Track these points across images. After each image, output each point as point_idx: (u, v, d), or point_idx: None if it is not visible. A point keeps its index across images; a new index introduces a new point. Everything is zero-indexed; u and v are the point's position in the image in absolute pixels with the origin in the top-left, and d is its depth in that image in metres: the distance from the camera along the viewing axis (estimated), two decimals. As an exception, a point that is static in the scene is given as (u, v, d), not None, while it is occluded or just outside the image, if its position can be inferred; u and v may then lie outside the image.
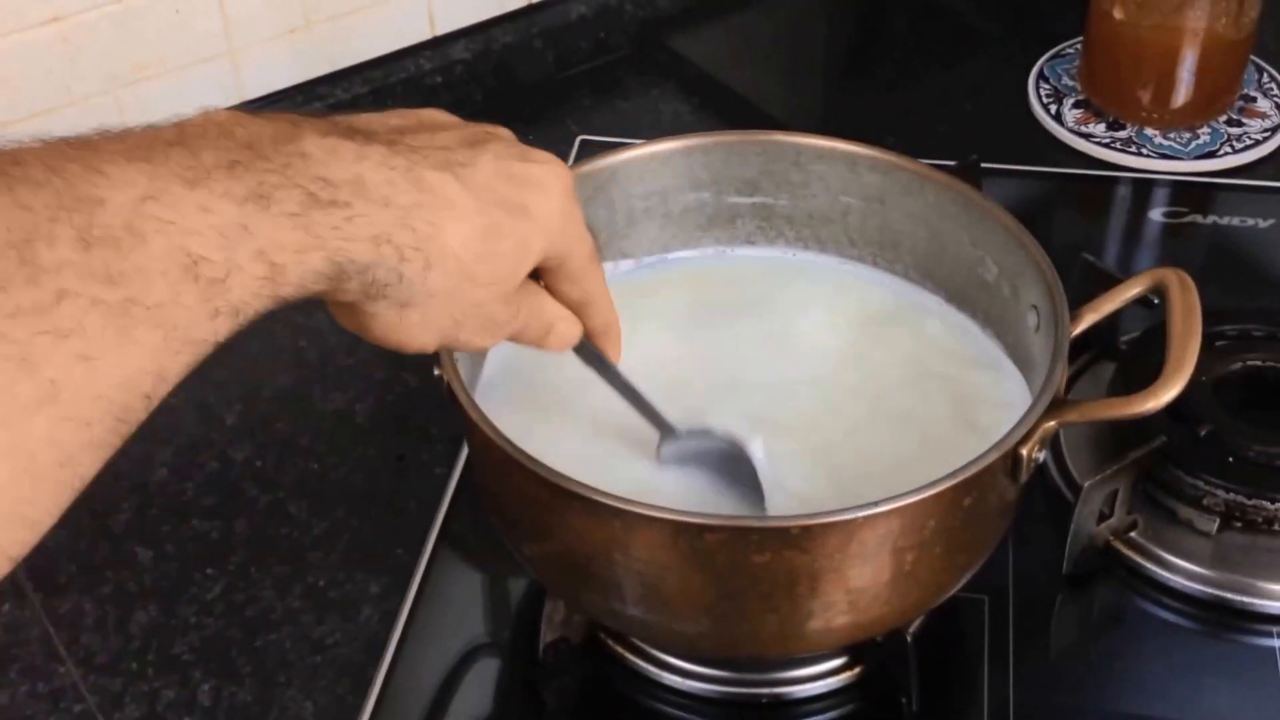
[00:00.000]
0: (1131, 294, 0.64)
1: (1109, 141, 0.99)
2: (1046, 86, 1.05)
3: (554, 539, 0.58)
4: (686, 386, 0.66)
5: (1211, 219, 0.94)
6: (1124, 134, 0.99)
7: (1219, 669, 0.67)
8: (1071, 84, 1.04)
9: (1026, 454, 0.56)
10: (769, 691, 0.65)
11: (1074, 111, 1.02)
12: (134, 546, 0.73)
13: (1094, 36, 1.01)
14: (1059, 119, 1.01)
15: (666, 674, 0.66)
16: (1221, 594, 0.69)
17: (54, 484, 0.37)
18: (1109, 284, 0.66)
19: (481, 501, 0.66)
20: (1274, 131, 0.99)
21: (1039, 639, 0.68)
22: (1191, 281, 0.61)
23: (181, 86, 0.94)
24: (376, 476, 0.77)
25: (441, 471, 0.77)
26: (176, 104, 0.92)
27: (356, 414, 0.81)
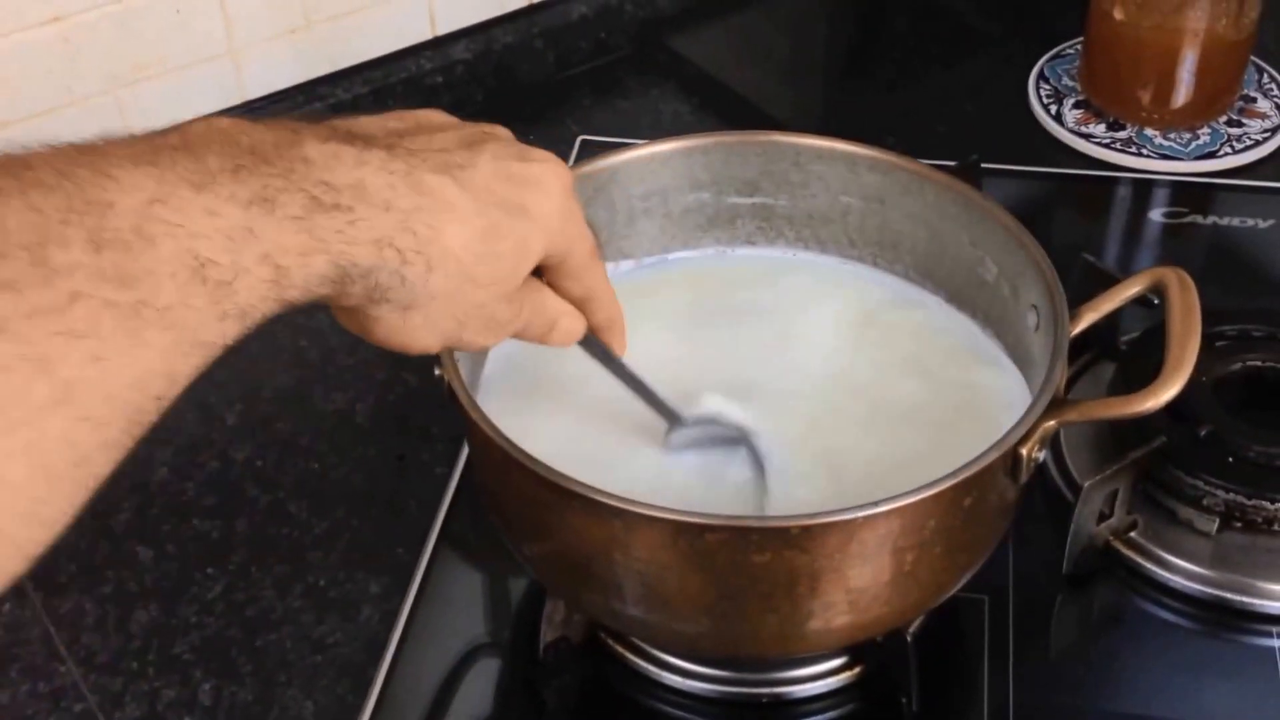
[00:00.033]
0: (1131, 294, 0.64)
1: (1109, 142, 0.99)
2: (1047, 87, 1.05)
3: (554, 539, 0.58)
4: (686, 386, 0.66)
5: (1211, 219, 0.94)
6: (1124, 134, 0.99)
7: (1219, 669, 0.67)
8: (1072, 84, 1.04)
9: (1026, 454, 0.56)
10: (769, 691, 0.65)
11: (1074, 112, 1.02)
12: (135, 546, 0.73)
13: (1094, 37, 1.01)
14: (1059, 119, 1.01)
15: (666, 674, 0.66)
16: (1221, 594, 0.69)
17: (69, 483, 0.37)
18: (1109, 284, 0.66)
19: (482, 501, 0.66)
20: (1274, 132, 0.99)
21: (1039, 639, 0.68)
22: (1191, 281, 0.61)
23: (182, 86, 0.94)
24: (377, 476, 0.78)
25: (442, 471, 0.77)
26: (177, 104, 0.94)
27: (357, 414, 0.81)
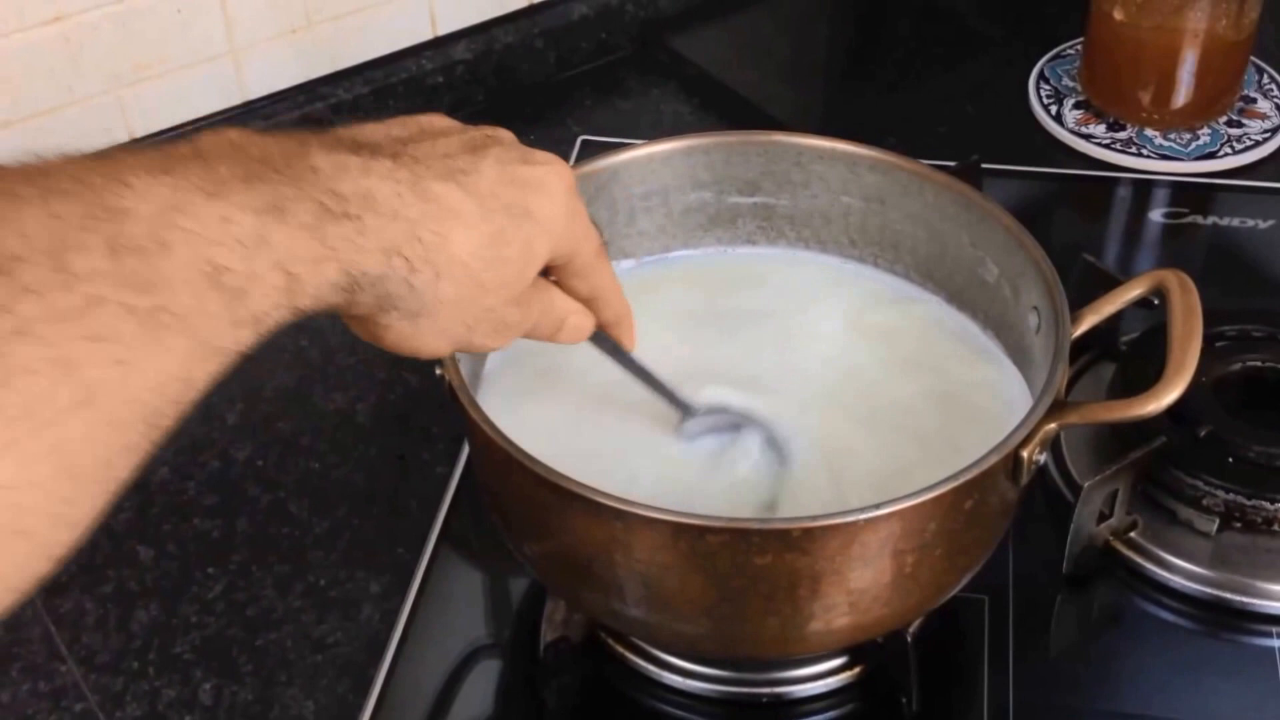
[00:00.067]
0: (1132, 295, 0.64)
1: (1109, 142, 0.99)
2: (1047, 87, 1.05)
3: (555, 539, 0.58)
4: (686, 385, 0.66)
5: (1211, 220, 0.94)
6: (1124, 135, 0.99)
7: (1219, 669, 0.67)
8: (1072, 85, 1.05)
9: (1027, 456, 0.56)
10: (769, 691, 0.65)
11: (1074, 112, 1.02)
12: (135, 545, 0.73)
13: (1094, 37, 1.01)
14: (1059, 120, 1.01)
15: (667, 674, 0.66)
16: (1221, 594, 0.69)
17: (94, 485, 0.38)
18: (1109, 285, 0.66)
19: (482, 501, 0.66)
20: (1274, 132, 0.99)
21: (1039, 639, 0.68)
22: (1192, 283, 0.61)
23: (183, 86, 0.94)
24: (378, 476, 0.78)
25: (443, 471, 0.77)
26: (178, 103, 0.94)
27: (358, 413, 0.81)
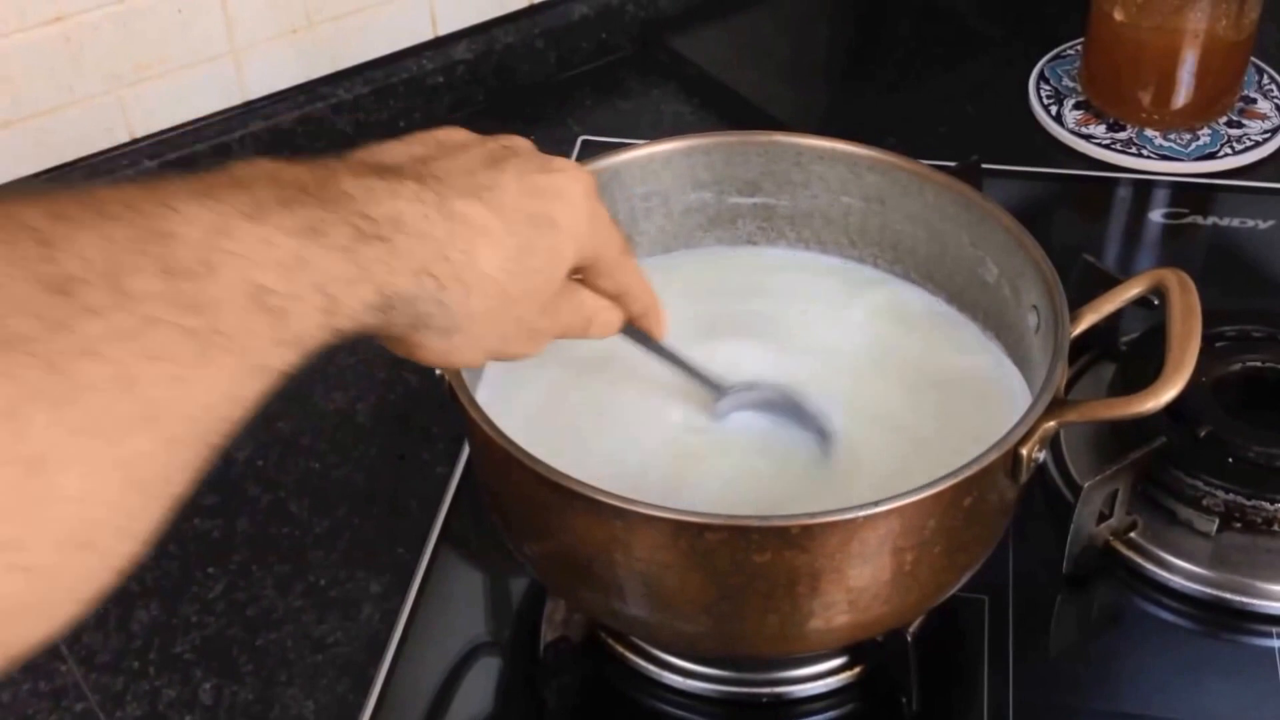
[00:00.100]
0: (1131, 294, 0.64)
1: (1109, 143, 0.99)
2: (1047, 88, 1.05)
3: (554, 538, 0.58)
4: (687, 385, 0.67)
5: (1211, 220, 0.94)
6: (1124, 135, 0.99)
7: (1219, 669, 0.67)
8: (1072, 85, 1.05)
9: (1026, 454, 0.56)
10: (769, 691, 0.65)
11: (1074, 113, 1.02)
12: (135, 545, 0.73)
13: (1094, 38, 1.01)
14: (1059, 120, 1.01)
15: (667, 673, 0.66)
16: (1221, 594, 0.69)
17: (156, 499, 0.38)
18: (1109, 284, 0.66)
19: (482, 501, 0.66)
20: (1274, 133, 0.99)
21: (1039, 639, 0.68)
22: (1191, 282, 0.61)
23: (184, 86, 0.94)
24: (378, 475, 0.78)
25: (443, 470, 0.77)
26: (179, 103, 0.94)
27: (358, 413, 0.81)
